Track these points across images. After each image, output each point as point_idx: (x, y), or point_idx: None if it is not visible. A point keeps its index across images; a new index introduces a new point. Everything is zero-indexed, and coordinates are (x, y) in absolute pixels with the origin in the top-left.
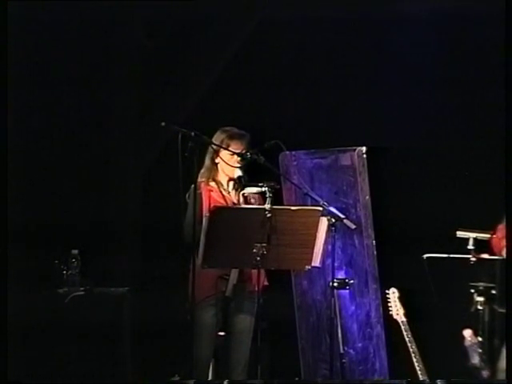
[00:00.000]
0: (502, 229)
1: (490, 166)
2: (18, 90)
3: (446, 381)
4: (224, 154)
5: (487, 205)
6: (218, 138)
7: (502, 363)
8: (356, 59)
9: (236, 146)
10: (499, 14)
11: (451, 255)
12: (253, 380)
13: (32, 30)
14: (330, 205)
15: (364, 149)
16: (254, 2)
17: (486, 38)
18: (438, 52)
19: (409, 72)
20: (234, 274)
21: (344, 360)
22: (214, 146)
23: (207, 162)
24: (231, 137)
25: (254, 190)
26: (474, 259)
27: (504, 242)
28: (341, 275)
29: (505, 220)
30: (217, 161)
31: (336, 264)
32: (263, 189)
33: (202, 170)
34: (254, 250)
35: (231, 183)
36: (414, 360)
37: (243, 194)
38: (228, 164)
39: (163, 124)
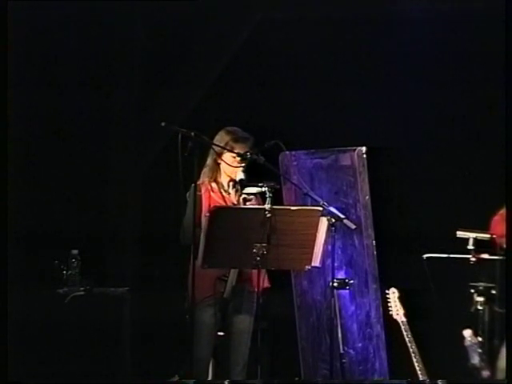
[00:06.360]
0: (503, 213)
1: (490, 165)
2: (18, 91)
3: (446, 381)
4: (226, 155)
5: (487, 205)
6: (222, 139)
7: (502, 363)
8: (356, 59)
9: (240, 149)
10: (499, 13)
11: (451, 255)
12: (253, 380)
13: (32, 29)
14: (330, 205)
15: (364, 149)
16: (254, 1)
17: (485, 37)
18: (439, 52)
19: (409, 72)
20: (232, 275)
21: (344, 360)
22: (217, 147)
23: (209, 162)
24: (236, 140)
25: (254, 190)
26: (473, 259)
27: (504, 226)
28: (341, 275)
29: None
30: (219, 161)
31: (336, 264)
32: (263, 189)
33: (205, 170)
34: (254, 250)
35: (232, 184)
36: (414, 360)
37: (244, 198)
38: (230, 165)
39: (163, 124)
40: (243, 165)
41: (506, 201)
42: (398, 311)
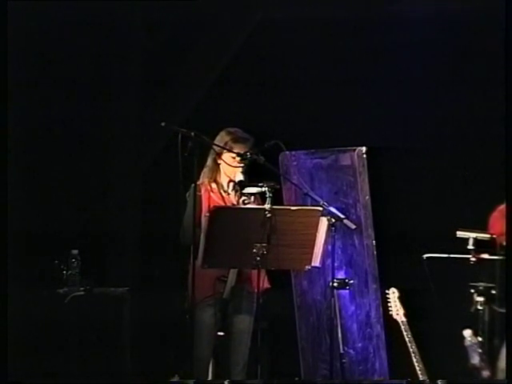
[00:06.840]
0: (501, 209)
1: (490, 165)
2: (18, 91)
3: (446, 381)
4: (226, 155)
5: (487, 205)
6: (221, 139)
7: (502, 363)
8: (356, 59)
9: (239, 150)
10: (499, 13)
11: (451, 255)
12: (253, 380)
13: (32, 29)
14: (330, 205)
15: (364, 149)
16: (254, 1)
17: (485, 37)
18: (438, 52)
19: (409, 72)
20: (232, 276)
21: (344, 360)
22: (217, 147)
23: (209, 162)
24: (235, 140)
25: (254, 190)
26: (473, 259)
27: (504, 223)
28: (341, 275)
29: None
30: (219, 162)
31: (336, 264)
32: (263, 189)
33: (205, 170)
34: (254, 250)
35: (231, 184)
36: (414, 360)
37: (243, 201)
38: (230, 165)
39: (163, 124)
40: (243, 165)
41: (507, 200)
42: (398, 311)
